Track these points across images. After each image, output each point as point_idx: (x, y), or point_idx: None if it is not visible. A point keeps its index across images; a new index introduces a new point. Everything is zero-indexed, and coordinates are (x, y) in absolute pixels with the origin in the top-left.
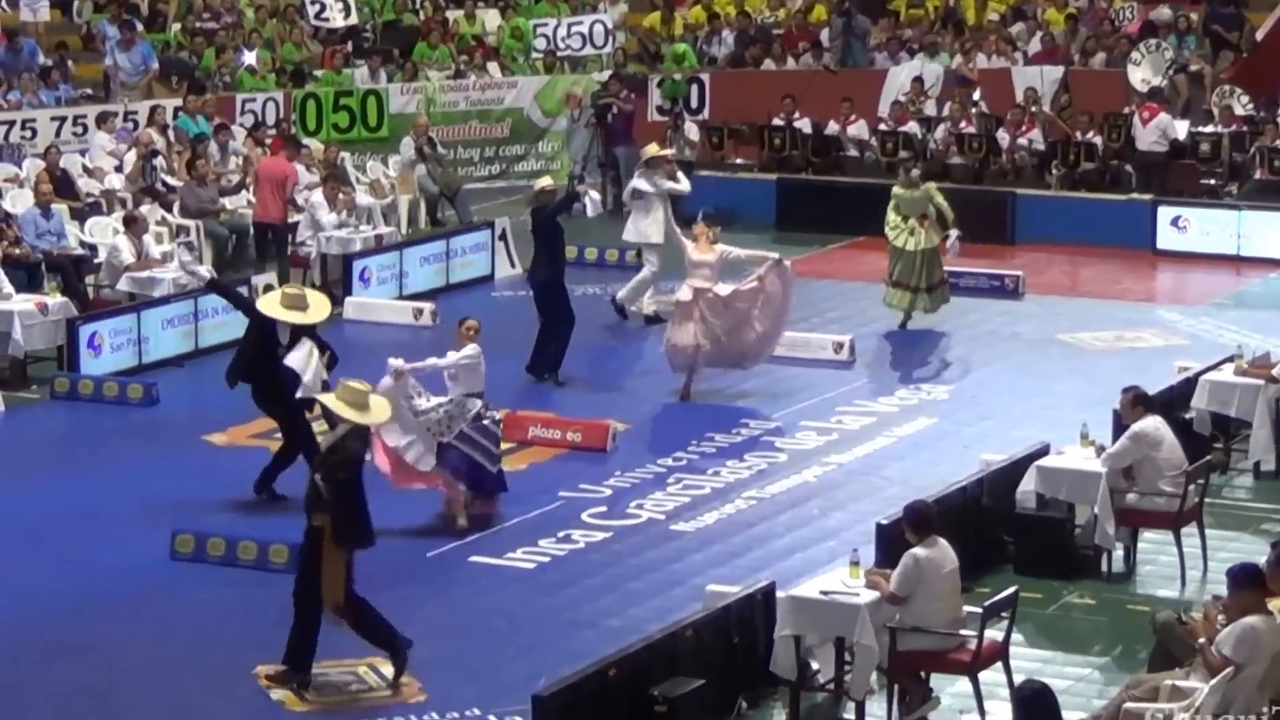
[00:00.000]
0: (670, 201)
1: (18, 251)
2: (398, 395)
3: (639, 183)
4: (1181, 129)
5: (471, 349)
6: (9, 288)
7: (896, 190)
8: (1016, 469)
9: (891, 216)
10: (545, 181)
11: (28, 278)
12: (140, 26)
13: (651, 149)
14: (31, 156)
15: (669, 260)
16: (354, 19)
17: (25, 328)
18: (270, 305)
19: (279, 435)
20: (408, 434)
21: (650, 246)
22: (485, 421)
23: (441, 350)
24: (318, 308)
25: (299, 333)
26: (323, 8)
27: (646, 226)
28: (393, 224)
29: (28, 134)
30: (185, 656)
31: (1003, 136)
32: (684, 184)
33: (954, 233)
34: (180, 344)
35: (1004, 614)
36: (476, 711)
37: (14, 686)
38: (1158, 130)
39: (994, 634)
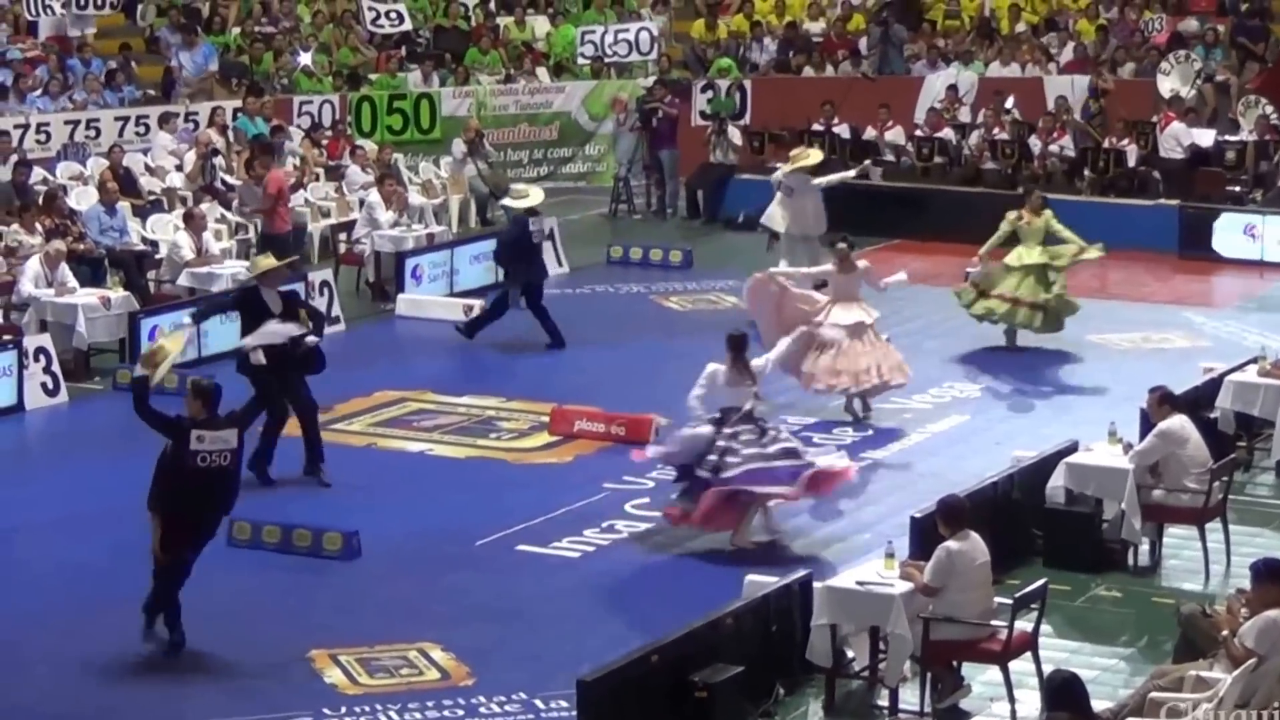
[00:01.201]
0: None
1: (82, 247)
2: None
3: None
4: (1208, 137)
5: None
6: (73, 282)
7: (1017, 223)
8: (1046, 465)
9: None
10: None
11: (91, 273)
12: (200, 31)
13: (814, 156)
14: (96, 155)
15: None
16: (408, 25)
17: (89, 321)
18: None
19: (332, 426)
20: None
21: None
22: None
23: None
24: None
25: (294, 304)
26: (378, 15)
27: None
28: (444, 223)
29: (92, 134)
30: (241, 639)
31: (1035, 143)
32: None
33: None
34: (236, 338)
35: (1034, 605)
36: (523, 695)
37: (81, 668)
38: (1172, 138)
39: (1024, 625)
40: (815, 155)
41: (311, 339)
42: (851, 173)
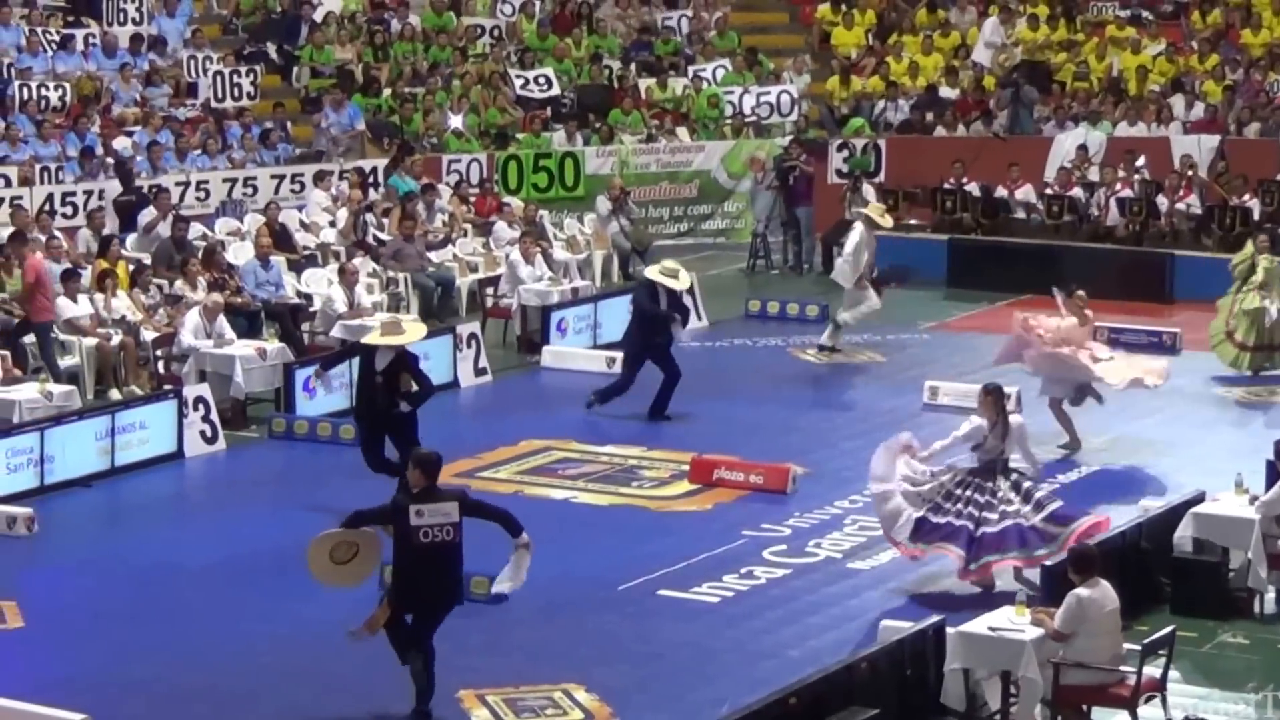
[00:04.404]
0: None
1: (239, 300)
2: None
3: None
4: None
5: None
6: (231, 334)
7: (1264, 264)
8: (1174, 515)
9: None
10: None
11: (248, 325)
12: (347, 93)
13: (874, 211)
14: (252, 212)
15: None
16: (556, 90)
17: (246, 371)
18: (371, 336)
19: (480, 474)
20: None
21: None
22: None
23: None
24: (413, 331)
25: (396, 366)
26: (527, 81)
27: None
28: (588, 277)
29: (249, 191)
30: (392, 681)
31: (1161, 201)
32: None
33: None
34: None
35: (1162, 651)
36: None
37: (238, 705)
38: None
39: (1152, 670)
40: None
41: (405, 406)
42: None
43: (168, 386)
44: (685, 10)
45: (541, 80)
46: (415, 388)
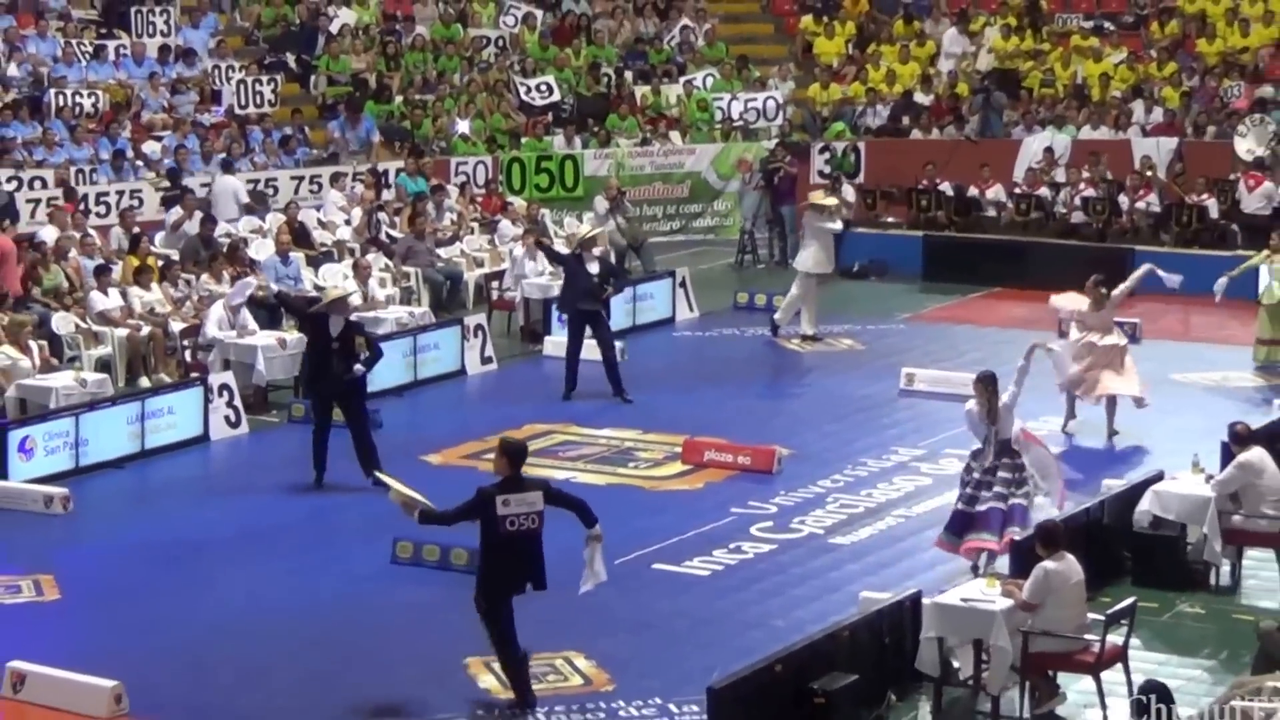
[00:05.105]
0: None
1: (261, 293)
2: None
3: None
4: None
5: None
6: (253, 325)
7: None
8: (1135, 493)
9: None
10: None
11: (269, 317)
12: (361, 109)
13: (815, 196)
14: (273, 211)
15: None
16: (557, 96)
17: (267, 360)
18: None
19: (486, 456)
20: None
21: (803, 275)
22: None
23: None
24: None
25: (349, 331)
26: (529, 89)
27: (805, 257)
28: None
29: (270, 191)
30: (404, 649)
31: (1123, 200)
32: (836, 224)
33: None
34: (401, 375)
35: (1124, 621)
36: (658, 700)
37: (259, 672)
38: (1263, 196)
39: (1115, 638)
40: (832, 200)
41: (358, 370)
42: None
43: (194, 374)
44: (678, 22)
45: (543, 88)
46: (367, 352)
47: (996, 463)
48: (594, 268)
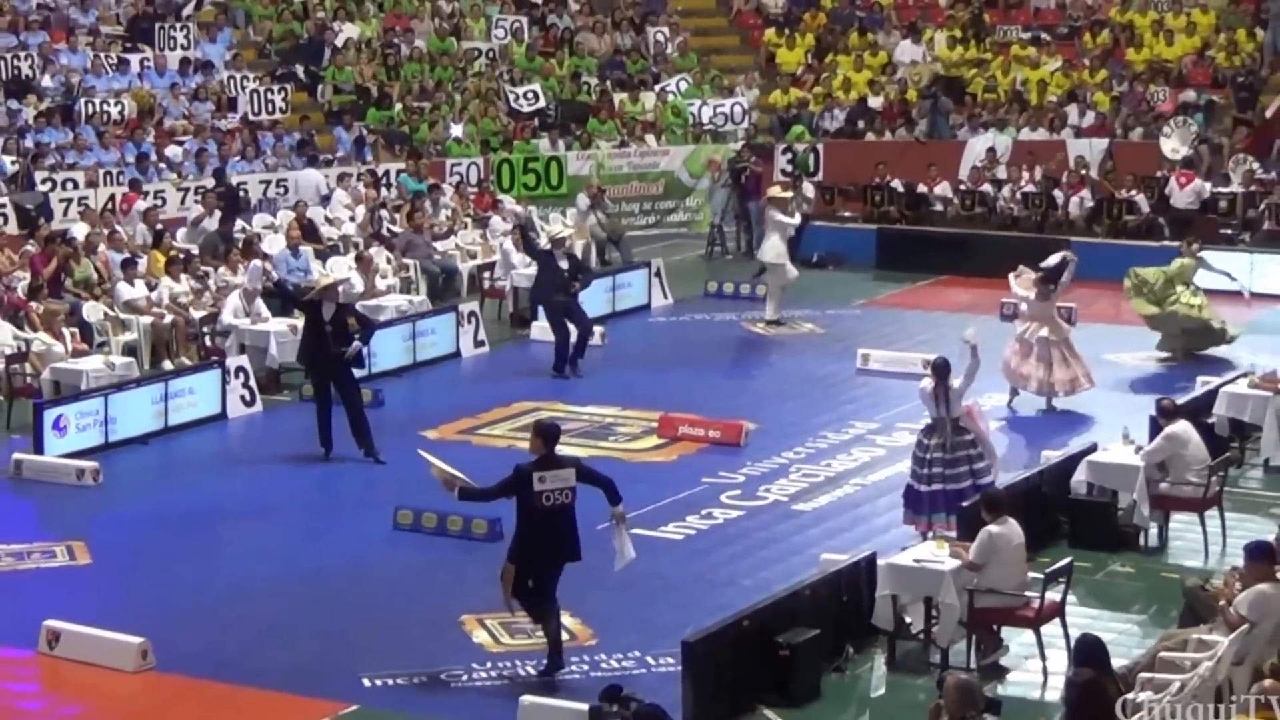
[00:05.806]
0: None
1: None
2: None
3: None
4: (1205, 189)
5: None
6: (267, 313)
7: (1184, 262)
8: (1071, 462)
9: (1176, 288)
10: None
11: (281, 305)
12: (372, 109)
13: (774, 190)
14: (284, 209)
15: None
16: (543, 103)
17: (279, 344)
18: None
19: (479, 431)
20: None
21: (769, 265)
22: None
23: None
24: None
25: (341, 313)
26: (518, 96)
27: (767, 248)
28: None
29: (282, 190)
30: (405, 607)
31: (1059, 195)
32: (794, 219)
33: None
34: (402, 357)
35: (1061, 580)
36: (637, 653)
37: (274, 629)
38: (1193, 193)
39: (1053, 596)
40: (788, 192)
41: (355, 345)
42: None
43: (213, 358)
44: (653, 34)
45: (530, 95)
46: (360, 329)
47: (956, 439)
48: (564, 264)
